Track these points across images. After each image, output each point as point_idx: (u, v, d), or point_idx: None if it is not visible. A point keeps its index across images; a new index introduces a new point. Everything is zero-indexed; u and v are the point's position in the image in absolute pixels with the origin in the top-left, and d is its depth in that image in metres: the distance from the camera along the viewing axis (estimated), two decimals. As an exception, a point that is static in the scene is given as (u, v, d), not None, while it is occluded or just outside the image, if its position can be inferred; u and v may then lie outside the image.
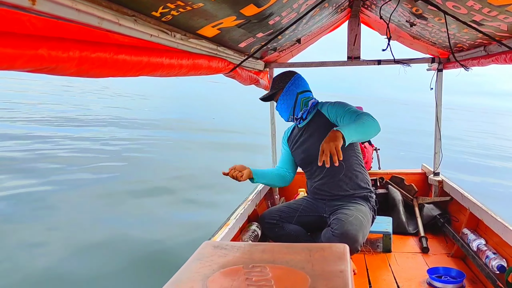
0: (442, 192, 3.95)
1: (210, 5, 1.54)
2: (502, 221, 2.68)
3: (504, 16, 1.93)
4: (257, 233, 3.01)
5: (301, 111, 2.93)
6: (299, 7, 2.25)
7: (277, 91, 2.96)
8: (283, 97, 2.94)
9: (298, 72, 3.04)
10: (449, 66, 3.82)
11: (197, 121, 20.54)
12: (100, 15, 1.17)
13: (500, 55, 2.58)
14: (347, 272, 1.41)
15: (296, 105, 2.93)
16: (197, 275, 1.44)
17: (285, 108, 2.96)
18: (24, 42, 0.92)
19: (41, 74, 1.06)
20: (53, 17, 1.01)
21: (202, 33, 1.92)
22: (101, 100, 28.81)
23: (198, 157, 11.69)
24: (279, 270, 1.46)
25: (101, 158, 10.56)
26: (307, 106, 2.94)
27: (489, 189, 10.05)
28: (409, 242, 3.51)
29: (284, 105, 2.95)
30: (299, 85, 2.93)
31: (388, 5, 2.68)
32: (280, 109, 3.01)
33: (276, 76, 3.06)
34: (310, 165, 2.96)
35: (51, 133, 13.54)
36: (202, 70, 2.04)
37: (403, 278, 2.83)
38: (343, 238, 2.43)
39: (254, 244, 2.19)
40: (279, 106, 3.00)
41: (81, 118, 18.38)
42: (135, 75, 1.46)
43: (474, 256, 2.83)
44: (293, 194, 3.99)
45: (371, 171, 4.33)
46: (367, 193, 2.88)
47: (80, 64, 1.12)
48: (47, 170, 8.92)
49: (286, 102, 2.93)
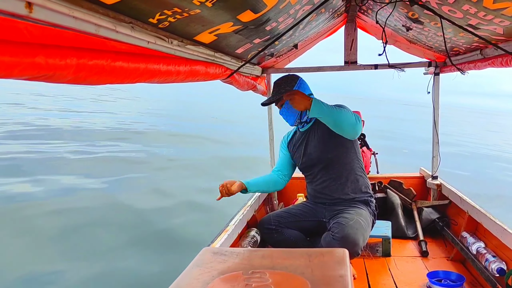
0: (440, 196, 3.95)
1: (207, 12, 1.54)
2: (501, 224, 2.68)
3: (500, 19, 1.94)
4: (256, 238, 3.00)
5: (306, 115, 2.88)
6: (295, 13, 2.26)
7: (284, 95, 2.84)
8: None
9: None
10: (446, 70, 3.83)
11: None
12: (97, 22, 1.17)
13: (497, 58, 2.59)
14: (347, 277, 1.41)
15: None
16: (197, 281, 1.44)
17: (292, 112, 2.88)
18: (21, 50, 0.92)
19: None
20: (50, 24, 1.01)
21: (199, 40, 1.92)
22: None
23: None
24: (279, 275, 1.46)
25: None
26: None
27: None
28: (409, 246, 3.50)
29: (292, 109, 2.84)
30: (305, 88, 2.88)
31: (384, 9, 2.69)
32: (286, 114, 2.91)
33: (279, 80, 2.95)
34: (312, 168, 2.95)
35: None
36: (199, 76, 2.04)
37: (403, 282, 2.83)
38: (343, 242, 2.42)
39: (254, 250, 2.19)
40: (285, 111, 2.90)
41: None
42: (133, 82, 1.46)
43: (473, 259, 2.83)
44: (292, 199, 3.99)
45: (370, 175, 4.33)
46: (367, 197, 2.88)
47: (78, 71, 1.12)
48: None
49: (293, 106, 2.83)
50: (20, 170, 9.10)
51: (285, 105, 2.87)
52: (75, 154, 11.19)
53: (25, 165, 9.52)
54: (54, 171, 9.24)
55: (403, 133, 25.29)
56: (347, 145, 2.85)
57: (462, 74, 3.38)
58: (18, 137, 12.97)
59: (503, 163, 16.36)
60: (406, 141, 20.05)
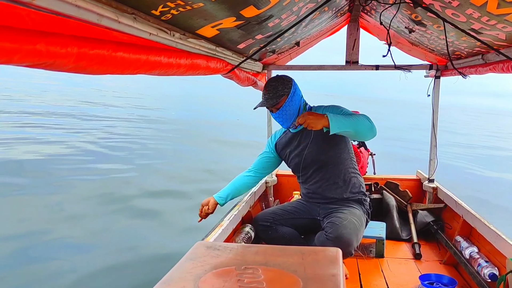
0: (436, 199, 3.96)
1: (210, 5, 1.54)
2: (494, 230, 2.69)
3: (503, 25, 1.94)
4: (251, 235, 3.01)
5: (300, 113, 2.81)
6: (299, 10, 2.25)
7: (282, 97, 2.75)
8: (289, 103, 2.75)
9: (293, 76, 2.93)
10: (447, 74, 3.83)
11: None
12: (99, 12, 1.16)
13: (498, 64, 2.59)
14: (339, 276, 1.41)
15: (300, 111, 2.79)
16: (189, 275, 1.44)
17: (289, 115, 2.78)
18: (23, 37, 0.91)
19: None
20: (52, 12, 1.00)
21: (201, 33, 1.92)
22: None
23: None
24: (271, 272, 1.46)
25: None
26: (305, 111, 2.81)
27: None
28: (402, 248, 3.51)
29: (289, 112, 2.77)
30: (299, 90, 2.83)
31: (388, 11, 2.69)
32: (282, 117, 2.80)
33: (272, 82, 2.80)
34: (305, 169, 2.93)
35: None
36: (200, 70, 2.04)
37: (395, 284, 2.84)
38: (337, 242, 2.43)
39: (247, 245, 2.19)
40: (282, 113, 2.78)
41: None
42: (133, 73, 1.46)
43: (466, 263, 2.84)
44: (288, 196, 3.99)
45: (366, 176, 4.34)
46: (361, 196, 2.88)
47: (78, 60, 1.12)
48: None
49: (291, 108, 2.77)
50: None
51: (284, 107, 2.76)
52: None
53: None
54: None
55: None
56: (341, 146, 2.84)
57: (464, 78, 3.39)
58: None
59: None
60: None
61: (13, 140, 11.24)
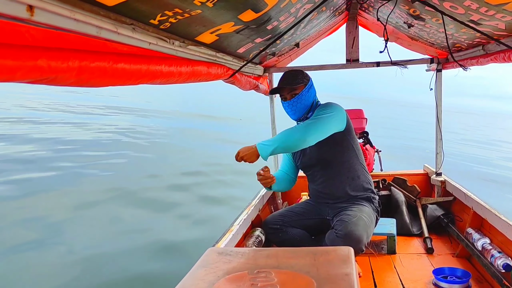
0: (445, 192, 3.94)
1: (208, 12, 1.54)
2: (506, 220, 2.67)
3: (502, 15, 1.93)
4: (261, 238, 3.00)
5: (310, 112, 2.83)
6: (296, 12, 2.25)
7: (300, 85, 2.78)
8: (305, 94, 2.77)
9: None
10: (448, 66, 3.82)
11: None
12: (98, 24, 1.17)
13: (499, 54, 2.58)
14: (353, 275, 1.41)
15: (312, 107, 2.82)
16: (202, 282, 1.44)
17: (301, 107, 2.78)
18: (24, 53, 0.92)
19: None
20: (51, 27, 1.01)
21: (201, 40, 1.92)
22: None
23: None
24: (284, 275, 1.46)
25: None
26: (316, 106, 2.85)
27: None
28: (414, 243, 3.50)
29: (303, 102, 2.77)
30: (314, 87, 2.86)
31: (385, 7, 2.69)
32: (296, 105, 2.79)
33: (292, 71, 2.87)
34: (311, 168, 2.94)
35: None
36: (201, 76, 2.04)
37: (409, 280, 2.82)
38: (347, 239, 2.42)
39: (258, 249, 2.18)
40: (296, 102, 2.78)
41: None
42: (135, 84, 1.46)
43: (479, 255, 2.82)
44: (296, 198, 3.99)
45: (373, 173, 4.33)
46: (369, 194, 2.87)
47: (80, 74, 1.12)
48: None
49: (306, 99, 2.78)
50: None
51: (300, 96, 2.76)
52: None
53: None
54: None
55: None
56: (344, 144, 2.82)
57: (464, 70, 3.37)
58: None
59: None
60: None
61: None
